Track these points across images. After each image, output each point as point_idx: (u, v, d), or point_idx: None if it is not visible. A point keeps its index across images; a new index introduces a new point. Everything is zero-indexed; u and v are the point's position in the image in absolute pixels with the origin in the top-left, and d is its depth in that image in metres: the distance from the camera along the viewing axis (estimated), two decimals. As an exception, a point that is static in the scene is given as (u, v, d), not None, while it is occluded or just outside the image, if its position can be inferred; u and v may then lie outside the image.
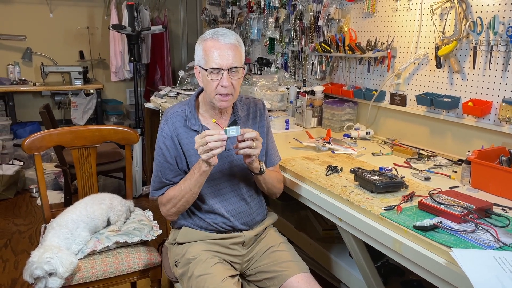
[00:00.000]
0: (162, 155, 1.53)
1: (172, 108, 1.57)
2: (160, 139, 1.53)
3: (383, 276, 1.78)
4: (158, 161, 1.54)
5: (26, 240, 3.03)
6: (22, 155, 4.13)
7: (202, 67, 1.45)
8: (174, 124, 1.52)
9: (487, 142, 1.79)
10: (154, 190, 1.57)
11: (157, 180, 1.55)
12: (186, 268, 1.50)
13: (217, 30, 1.45)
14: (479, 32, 1.77)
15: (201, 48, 1.45)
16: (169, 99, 3.33)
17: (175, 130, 1.51)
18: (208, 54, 1.42)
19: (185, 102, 1.59)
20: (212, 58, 1.41)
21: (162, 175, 1.54)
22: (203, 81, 1.48)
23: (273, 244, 1.59)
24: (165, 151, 1.52)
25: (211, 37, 1.43)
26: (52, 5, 4.77)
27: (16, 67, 4.51)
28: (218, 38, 1.42)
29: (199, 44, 1.47)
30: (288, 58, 3.24)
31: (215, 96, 1.45)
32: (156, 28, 4.11)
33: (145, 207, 2.23)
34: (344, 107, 2.47)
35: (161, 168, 1.53)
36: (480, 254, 1.03)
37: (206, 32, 1.47)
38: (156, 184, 1.56)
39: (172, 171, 1.53)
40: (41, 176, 1.92)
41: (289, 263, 1.51)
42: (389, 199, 1.40)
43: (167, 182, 1.54)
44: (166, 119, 1.54)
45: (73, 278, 1.64)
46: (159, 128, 1.55)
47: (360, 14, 2.45)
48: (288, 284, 1.45)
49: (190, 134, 1.51)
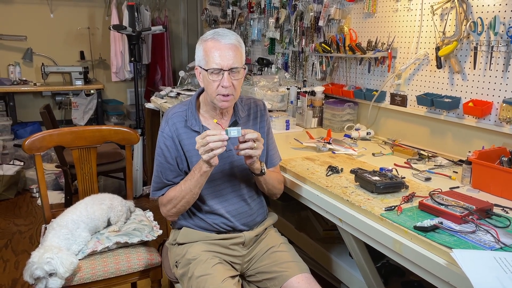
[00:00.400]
0: (162, 156, 1.53)
1: (173, 109, 1.57)
2: (161, 139, 1.53)
3: (384, 276, 1.78)
4: (158, 161, 1.54)
5: (27, 240, 3.03)
6: (23, 155, 4.13)
7: (203, 68, 1.45)
8: (175, 124, 1.51)
9: (488, 142, 1.79)
10: (155, 190, 1.57)
11: (158, 181, 1.55)
12: (187, 268, 1.50)
13: (218, 30, 1.45)
14: (479, 33, 1.77)
15: (201, 49, 1.45)
16: (170, 100, 3.34)
17: (175, 131, 1.51)
18: (208, 55, 1.42)
19: (185, 102, 1.59)
20: (213, 58, 1.41)
21: (162, 175, 1.54)
22: (204, 82, 1.48)
23: (273, 244, 1.59)
24: (165, 151, 1.52)
25: (211, 38, 1.43)
26: (52, 5, 4.78)
27: (16, 67, 4.51)
28: (219, 38, 1.41)
29: (199, 44, 1.47)
30: (289, 58, 3.24)
31: (216, 96, 1.45)
32: (156, 28, 4.11)
33: (145, 207, 2.23)
34: (345, 108, 2.47)
35: (161, 168, 1.53)
36: (480, 255, 1.03)
37: (207, 33, 1.47)
38: (157, 185, 1.56)
39: (172, 171, 1.53)
40: (41, 177, 1.92)
41: (290, 264, 1.51)
42: (390, 200, 1.40)
43: (167, 183, 1.54)
44: (166, 120, 1.54)
45: (74, 278, 1.64)
46: (160, 129, 1.55)
47: (360, 14, 2.45)
48: (288, 285, 1.44)
49: (191, 134, 1.51)
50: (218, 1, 4.30)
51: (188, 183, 1.46)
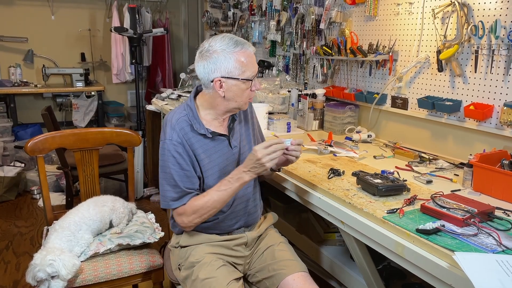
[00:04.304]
0: (176, 164, 1.48)
1: (174, 115, 1.53)
2: (171, 147, 1.48)
3: (385, 279, 1.78)
4: (173, 170, 1.48)
5: (28, 242, 3.03)
6: (24, 157, 4.14)
7: (235, 77, 1.45)
8: (183, 129, 1.49)
9: (489, 145, 1.80)
10: (173, 200, 1.49)
11: (176, 190, 1.48)
12: (190, 271, 1.50)
13: (237, 39, 1.46)
14: (480, 36, 1.78)
15: (233, 60, 1.44)
16: (171, 101, 3.34)
17: (184, 135, 1.49)
18: (244, 64, 1.45)
19: (182, 107, 1.57)
20: (248, 67, 1.46)
21: (181, 184, 1.48)
22: (230, 91, 1.47)
23: (273, 243, 1.62)
24: (179, 159, 1.47)
25: (240, 48, 1.45)
26: (54, 7, 4.79)
27: (17, 69, 4.53)
28: (246, 47, 1.46)
29: (227, 55, 1.44)
30: (290, 61, 3.25)
31: (246, 101, 1.53)
32: (157, 30, 4.12)
33: (146, 209, 2.24)
34: (346, 110, 2.47)
35: (178, 177, 1.48)
36: (482, 258, 1.03)
37: (226, 43, 1.44)
38: (175, 195, 1.49)
39: (190, 177, 1.49)
40: (43, 178, 1.92)
41: (287, 262, 1.53)
42: (391, 202, 1.40)
43: (188, 191, 1.49)
44: (172, 127, 1.50)
45: (76, 280, 1.65)
46: (166, 137, 1.50)
47: (361, 17, 2.46)
48: (285, 282, 1.47)
49: (198, 138, 1.50)
50: (219, 4, 4.31)
51: (223, 193, 1.45)
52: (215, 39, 1.46)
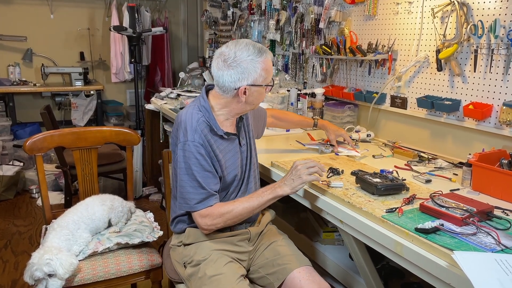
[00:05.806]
0: (199, 166, 1.47)
1: (191, 115, 1.51)
2: (193, 149, 1.47)
3: (384, 278, 1.78)
4: (196, 172, 1.47)
5: (26, 241, 3.03)
6: (22, 156, 4.13)
7: (260, 84, 1.49)
8: (203, 131, 1.49)
9: (488, 145, 1.80)
10: (198, 202, 1.48)
11: (201, 192, 1.48)
12: (197, 268, 1.50)
13: (259, 47, 1.48)
14: (480, 36, 1.78)
15: (260, 67, 1.46)
16: (170, 101, 3.34)
17: (205, 137, 1.49)
18: (267, 72, 1.50)
19: (195, 107, 1.55)
20: (269, 73, 1.51)
21: (206, 185, 1.48)
22: (252, 97, 1.51)
23: (275, 239, 1.63)
24: (201, 160, 1.47)
25: (265, 56, 1.48)
26: (53, 6, 4.78)
27: (16, 68, 4.51)
28: (267, 55, 1.49)
29: (256, 65, 1.45)
30: (289, 60, 3.24)
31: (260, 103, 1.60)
32: (157, 29, 4.12)
33: (145, 208, 2.23)
34: (345, 109, 2.47)
35: (202, 178, 1.47)
36: (481, 257, 1.03)
37: (252, 52, 1.45)
38: (200, 196, 1.48)
39: (213, 178, 1.50)
40: (42, 177, 1.92)
41: (291, 257, 1.54)
42: (390, 202, 1.40)
43: (212, 192, 1.49)
44: (194, 128, 1.48)
45: (74, 279, 1.64)
46: (187, 138, 1.48)
47: (361, 16, 2.46)
48: (290, 277, 1.47)
49: (215, 139, 1.52)
50: (218, 3, 4.31)
51: (255, 202, 1.47)
52: (239, 48, 1.45)
